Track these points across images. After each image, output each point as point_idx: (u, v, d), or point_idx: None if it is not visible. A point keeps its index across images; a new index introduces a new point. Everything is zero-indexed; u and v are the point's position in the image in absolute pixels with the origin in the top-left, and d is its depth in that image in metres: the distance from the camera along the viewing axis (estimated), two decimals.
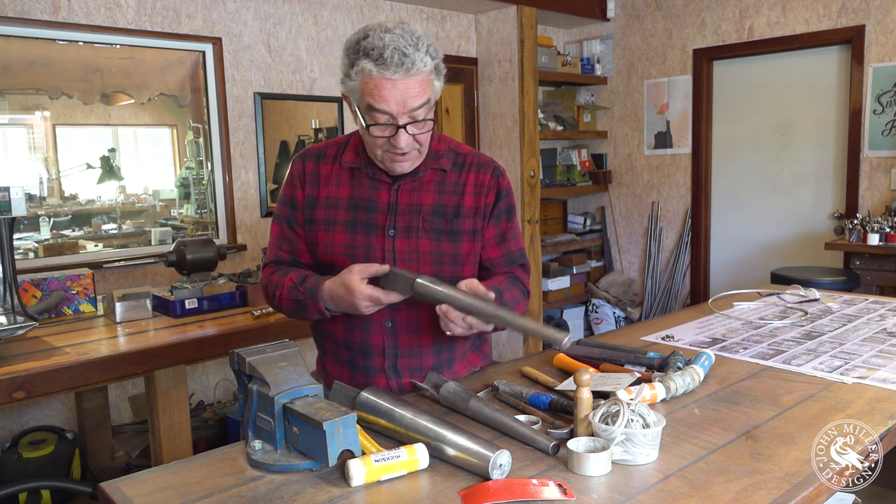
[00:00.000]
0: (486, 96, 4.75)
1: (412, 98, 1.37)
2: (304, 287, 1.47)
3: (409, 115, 1.38)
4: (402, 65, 1.34)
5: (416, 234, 1.52)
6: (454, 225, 1.54)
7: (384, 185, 1.52)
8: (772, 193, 4.73)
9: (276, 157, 3.93)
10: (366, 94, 1.37)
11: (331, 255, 1.53)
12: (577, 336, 5.09)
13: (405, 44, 1.35)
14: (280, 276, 1.54)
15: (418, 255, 1.52)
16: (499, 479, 1.06)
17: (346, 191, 1.54)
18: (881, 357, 1.65)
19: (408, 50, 1.34)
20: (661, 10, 5.03)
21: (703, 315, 2.15)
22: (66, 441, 2.87)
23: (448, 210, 1.54)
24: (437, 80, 1.43)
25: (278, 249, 1.60)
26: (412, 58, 1.34)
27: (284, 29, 3.89)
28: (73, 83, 3.26)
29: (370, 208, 1.52)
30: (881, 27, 4.08)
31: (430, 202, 1.53)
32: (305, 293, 1.47)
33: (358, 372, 1.57)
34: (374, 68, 1.34)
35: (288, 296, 1.50)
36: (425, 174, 1.53)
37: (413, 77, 1.36)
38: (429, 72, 1.39)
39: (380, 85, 1.35)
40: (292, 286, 1.50)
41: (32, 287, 2.46)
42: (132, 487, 1.09)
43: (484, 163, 1.60)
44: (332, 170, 1.55)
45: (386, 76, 1.34)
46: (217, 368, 3.70)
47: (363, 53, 1.36)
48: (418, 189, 1.53)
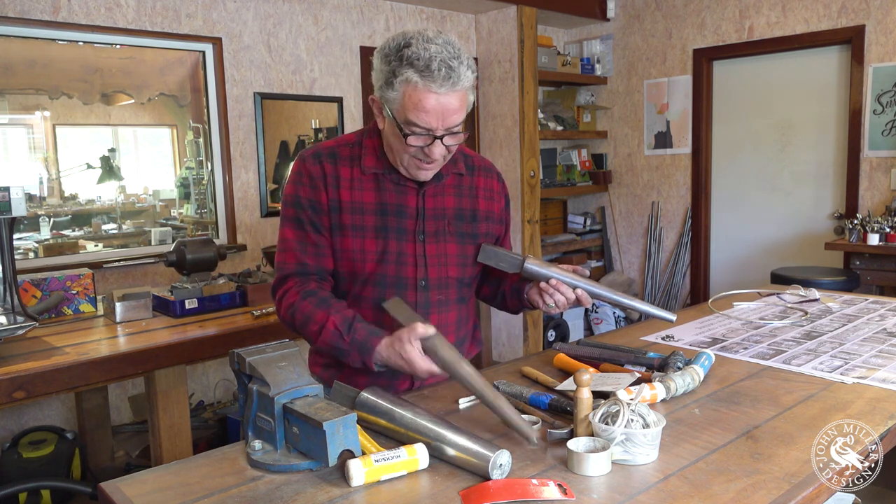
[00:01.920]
0: (486, 96, 4.75)
1: (452, 112, 1.36)
2: (351, 338, 1.39)
3: (447, 128, 1.38)
4: (448, 78, 1.32)
5: (443, 237, 1.54)
6: (473, 227, 1.59)
7: (411, 191, 1.52)
8: (772, 193, 4.73)
9: (276, 157, 3.93)
10: (407, 105, 1.35)
11: (361, 261, 1.50)
12: (577, 336, 5.09)
13: (450, 56, 1.33)
14: (313, 308, 1.44)
15: (446, 258, 1.55)
16: (499, 479, 1.06)
17: (371, 195, 1.51)
18: (881, 357, 1.65)
19: (453, 63, 1.32)
20: (661, 10, 5.03)
21: (703, 315, 2.15)
22: (66, 441, 2.87)
23: (466, 213, 1.59)
24: (472, 94, 1.42)
25: (302, 256, 1.51)
26: (458, 72, 1.33)
27: (284, 29, 3.89)
28: (73, 83, 3.26)
29: (400, 213, 1.51)
30: (881, 27, 4.08)
31: (452, 206, 1.57)
32: (353, 345, 1.39)
33: (381, 376, 1.53)
34: (420, 80, 1.32)
35: (329, 341, 1.42)
36: (447, 178, 1.56)
37: (456, 92, 1.35)
38: (469, 87, 1.38)
39: (424, 97, 1.33)
40: (335, 332, 1.41)
41: (32, 287, 2.46)
42: (132, 487, 1.09)
43: (487, 167, 1.67)
44: (351, 173, 1.51)
45: (431, 89, 1.32)
46: (217, 368, 3.70)
47: (407, 62, 1.32)
48: (441, 193, 1.55)
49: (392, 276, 1.51)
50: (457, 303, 1.60)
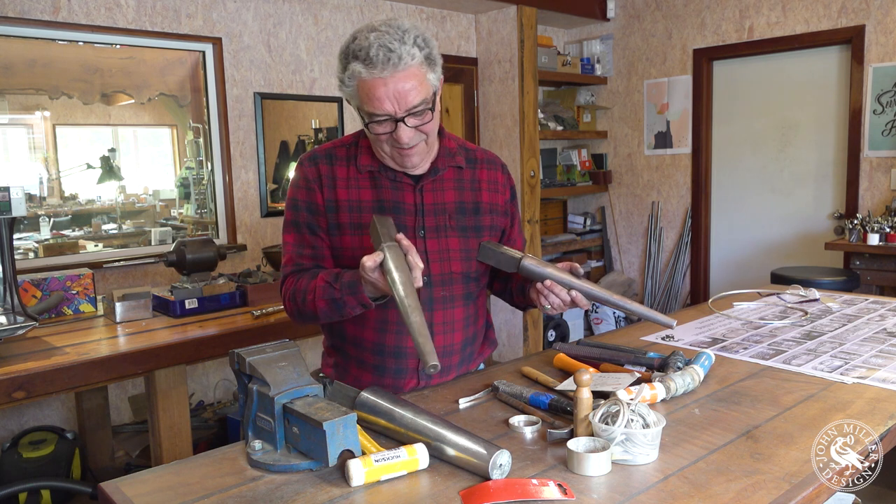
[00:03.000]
0: (486, 96, 4.75)
1: (405, 93, 1.35)
2: (340, 283, 1.41)
3: (407, 110, 1.37)
4: (388, 61, 1.32)
5: (444, 232, 1.54)
6: (476, 221, 1.58)
7: (407, 187, 1.52)
8: (772, 193, 4.73)
9: (276, 157, 3.93)
10: (362, 97, 1.37)
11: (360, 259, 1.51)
12: (577, 336, 5.09)
13: (390, 39, 1.33)
14: (307, 281, 1.47)
15: (449, 253, 1.54)
16: (499, 479, 1.06)
17: (368, 193, 1.51)
18: (881, 357, 1.65)
19: (393, 45, 1.33)
20: (661, 10, 5.03)
21: (703, 315, 2.15)
22: (66, 441, 2.87)
23: (469, 206, 1.58)
24: (431, 70, 1.40)
25: (299, 257, 1.53)
26: (398, 52, 1.33)
27: (284, 29, 3.89)
28: (73, 83, 3.26)
29: (397, 210, 1.51)
30: (881, 27, 4.08)
31: (453, 200, 1.56)
32: (343, 289, 1.40)
33: (387, 375, 1.55)
34: (364, 69, 1.34)
35: (323, 296, 1.43)
36: (445, 172, 1.55)
37: (402, 72, 1.34)
38: (419, 64, 1.37)
39: (372, 85, 1.35)
40: (325, 285, 1.42)
41: (32, 287, 2.46)
42: (132, 487, 1.09)
43: (491, 159, 1.66)
44: (348, 172, 1.52)
45: (375, 75, 1.34)
46: (217, 368, 3.70)
47: (352, 56, 1.35)
48: (440, 188, 1.55)
49: None
50: (463, 299, 1.58)
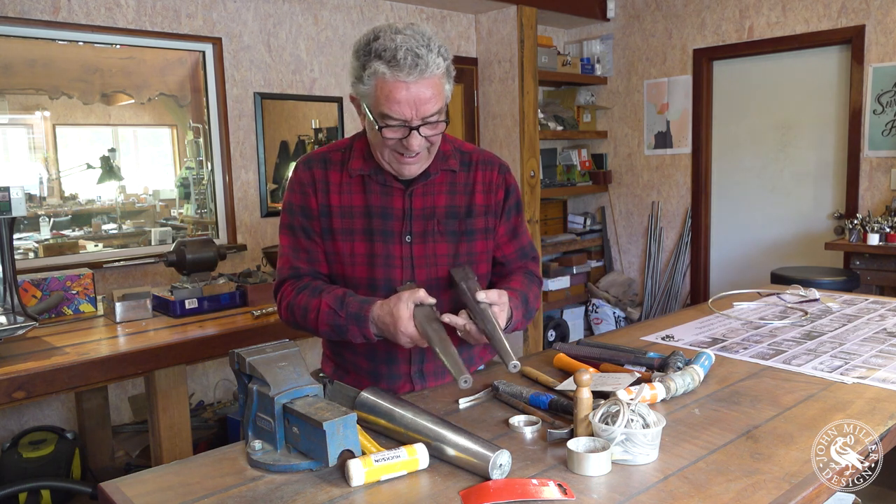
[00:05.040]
0: (486, 96, 4.75)
1: (425, 100, 1.35)
2: (346, 312, 1.41)
3: (422, 118, 1.36)
4: (415, 66, 1.31)
5: (432, 237, 1.52)
6: (468, 224, 1.55)
7: (397, 192, 1.51)
8: (772, 193, 4.73)
9: (276, 157, 3.93)
10: (380, 98, 1.35)
11: (351, 265, 1.50)
12: (577, 336, 5.10)
13: (417, 44, 1.32)
14: (308, 298, 1.47)
15: (435, 258, 1.52)
16: (499, 479, 1.06)
17: (359, 199, 1.51)
18: (881, 357, 1.65)
19: (420, 51, 1.32)
20: (661, 10, 5.03)
21: (703, 315, 2.15)
22: (66, 441, 2.87)
23: (461, 210, 1.55)
24: (448, 81, 1.41)
25: (295, 261, 1.53)
26: (426, 59, 1.32)
27: (284, 29, 3.89)
28: (73, 83, 3.26)
29: (385, 215, 1.50)
30: (881, 27, 4.08)
31: (443, 204, 1.54)
32: (349, 319, 1.40)
33: (381, 380, 1.55)
34: (388, 70, 1.32)
35: (326, 322, 1.43)
36: (436, 176, 1.53)
37: (426, 79, 1.33)
38: (441, 74, 1.36)
39: (394, 87, 1.33)
40: (330, 311, 1.42)
41: (32, 287, 2.46)
42: (132, 487, 1.09)
43: (489, 160, 1.62)
44: (340, 177, 1.52)
45: (399, 78, 1.32)
46: (217, 368, 3.70)
47: (375, 55, 1.33)
48: (431, 192, 1.53)
49: (381, 279, 1.50)
50: (451, 305, 1.54)
